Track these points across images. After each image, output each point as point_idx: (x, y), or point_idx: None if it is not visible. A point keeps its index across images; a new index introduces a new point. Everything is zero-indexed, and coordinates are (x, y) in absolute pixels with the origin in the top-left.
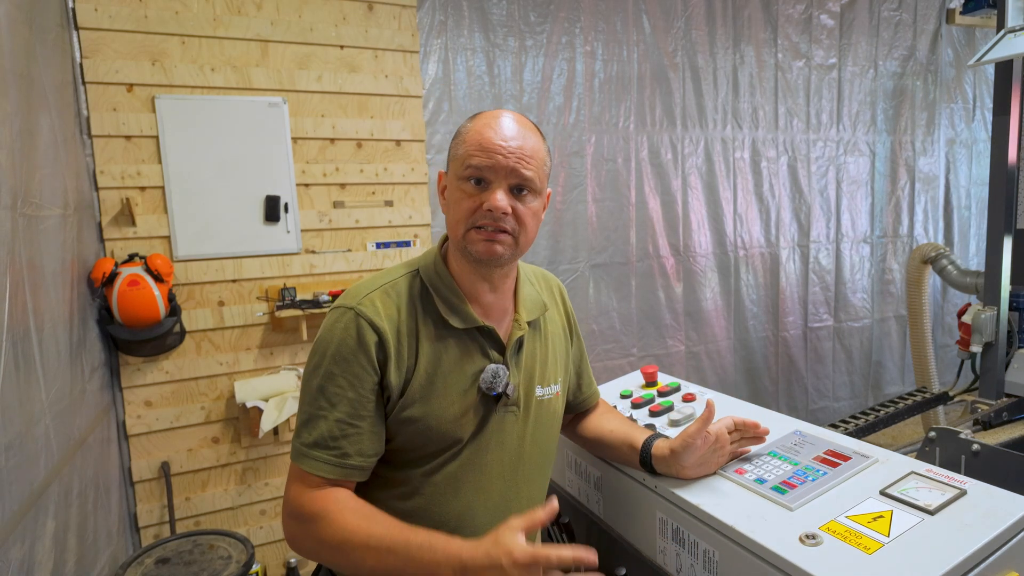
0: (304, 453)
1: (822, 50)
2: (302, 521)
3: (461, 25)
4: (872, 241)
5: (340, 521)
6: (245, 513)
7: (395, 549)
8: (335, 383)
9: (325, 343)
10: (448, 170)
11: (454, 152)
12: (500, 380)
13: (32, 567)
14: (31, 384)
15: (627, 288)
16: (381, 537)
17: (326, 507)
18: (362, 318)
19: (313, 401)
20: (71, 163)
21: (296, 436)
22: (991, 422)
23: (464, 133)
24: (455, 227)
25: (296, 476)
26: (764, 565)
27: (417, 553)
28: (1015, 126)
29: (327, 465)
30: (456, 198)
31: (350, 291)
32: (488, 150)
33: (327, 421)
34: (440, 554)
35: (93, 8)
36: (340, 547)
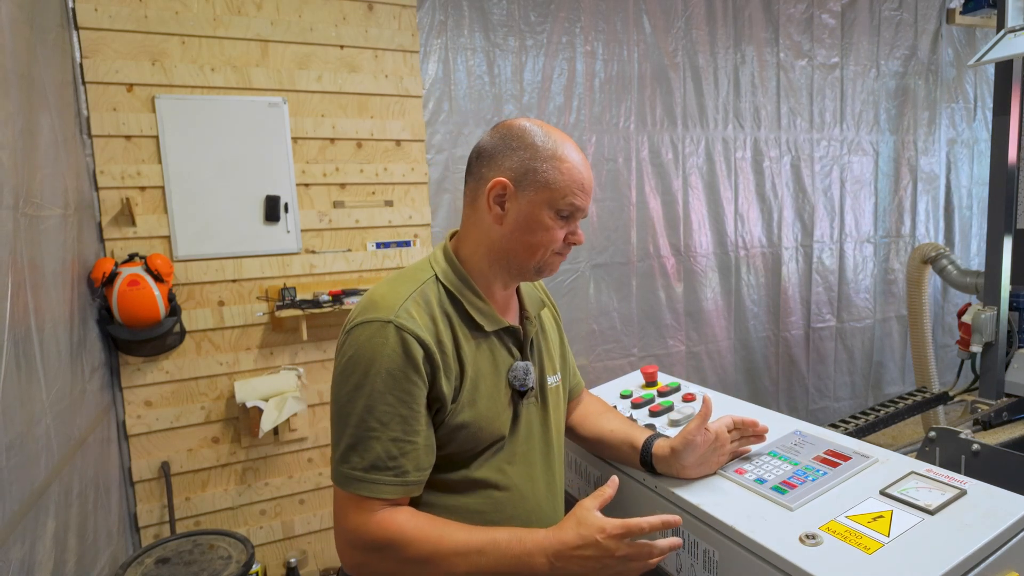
0: (359, 479)
1: (824, 49)
2: (375, 549)
3: (461, 25)
4: (875, 241)
5: (421, 537)
6: (245, 513)
7: (485, 549)
8: (384, 402)
9: (366, 360)
10: (523, 188)
11: (543, 177)
12: (530, 376)
13: (32, 567)
14: (32, 384)
15: (628, 288)
16: (467, 541)
17: (401, 529)
18: (404, 331)
19: (360, 423)
20: (71, 163)
21: (342, 462)
22: (991, 422)
23: (558, 162)
24: (534, 251)
25: (353, 504)
26: (764, 565)
27: (507, 548)
28: (1015, 126)
29: (389, 487)
30: (545, 226)
31: (377, 302)
32: (586, 192)
33: (381, 442)
34: (530, 544)
35: (93, 8)
36: (429, 561)
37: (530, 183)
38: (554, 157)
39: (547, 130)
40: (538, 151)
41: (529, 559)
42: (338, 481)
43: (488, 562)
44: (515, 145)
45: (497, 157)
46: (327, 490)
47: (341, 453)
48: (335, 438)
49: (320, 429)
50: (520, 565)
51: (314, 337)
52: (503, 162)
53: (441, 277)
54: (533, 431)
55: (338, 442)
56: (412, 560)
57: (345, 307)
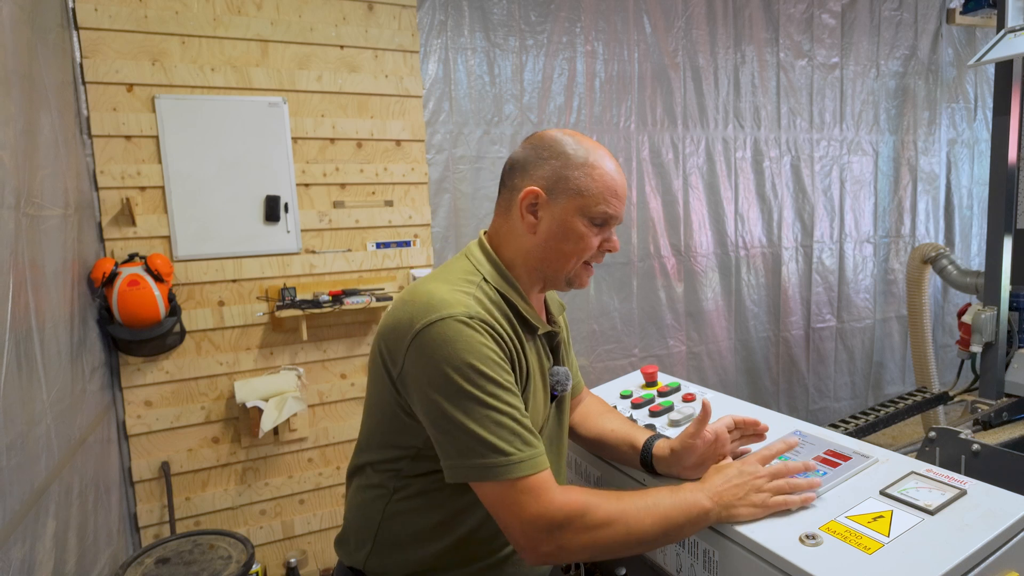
0: (519, 460)
1: (824, 49)
2: (567, 524)
3: (461, 25)
4: (875, 241)
5: (602, 498)
6: (245, 513)
7: (659, 499)
8: (498, 384)
9: (463, 350)
10: (556, 196)
11: (575, 185)
12: (569, 382)
13: (33, 567)
14: (33, 384)
15: (628, 288)
16: (642, 496)
17: (584, 494)
18: (486, 324)
19: (488, 410)
20: (71, 163)
21: (486, 455)
22: (991, 422)
23: (589, 168)
24: (567, 259)
25: (525, 492)
26: (764, 565)
27: (674, 496)
28: (1015, 126)
29: (542, 457)
30: (579, 234)
31: (446, 299)
32: (620, 198)
33: (518, 423)
34: (683, 489)
35: (93, 8)
36: (619, 519)
37: (562, 191)
38: (586, 164)
39: (578, 139)
40: (569, 159)
41: (696, 501)
42: (488, 475)
43: (665, 509)
44: (546, 155)
45: (529, 167)
46: (327, 490)
47: (482, 448)
48: (463, 440)
49: (320, 429)
50: (690, 508)
51: (314, 337)
52: (535, 171)
53: (490, 279)
54: (559, 431)
55: (472, 441)
56: (603, 523)
57: (345, 307)
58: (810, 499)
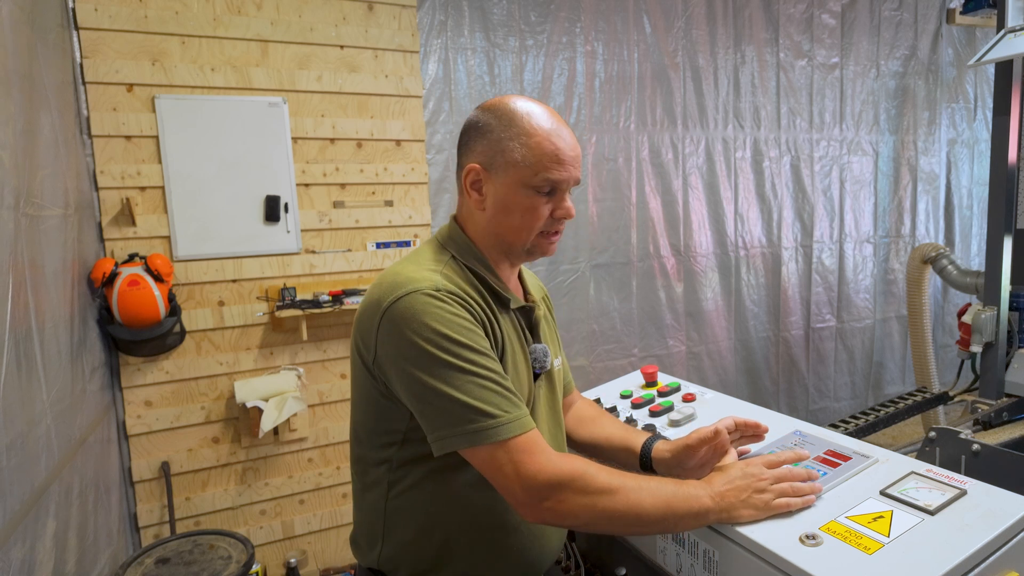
0: (510, 420)
1: (824, 49)
2: (565, 484)
3: (461, 25)
4: (875, 241)
5: (604, 468)
6: (245, 513)
7: (663, 483)
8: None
9: (434, 319)
10: (496, 169)
11: (511, 156)
12: (548, 358)
13: (33, 567)
14: (32, 384)
15: (628, 288)
16: (645, 477)
17: (583, 463)
18: (454, 295)
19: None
20: (71, 163)
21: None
22: (991, 422)
23: (525, 136)
24: (521, 233)
25: (517, 451)
26: (764, 565)
27: (678, 487)
28: (1015, 126)
29: (529, 417)
30: (526, 206)
31: (412, 277)
32: (563, 162)
33: (500, 385)
34: (687, 484)
35: (93, 8)
36: (619, 490)
37: (500, 164)
38: (522, 132)
39: (514, 105)
40: (505, 129)
41: (697, 498)
42: (479, 439)
43: (668, 496)
44: (482, 128)
45: (469, 143)
46: (327, 490)
47: (469, 413)
48: (446, 408)
49: (320, 429)
50: (691, 501)
51: (314, 337)
52: (475, 146)
53: (458, 256)
54: (550, 411)
55: (456, 408)
56: (603, 490)
57: (345, 307)
58: (810, 501)
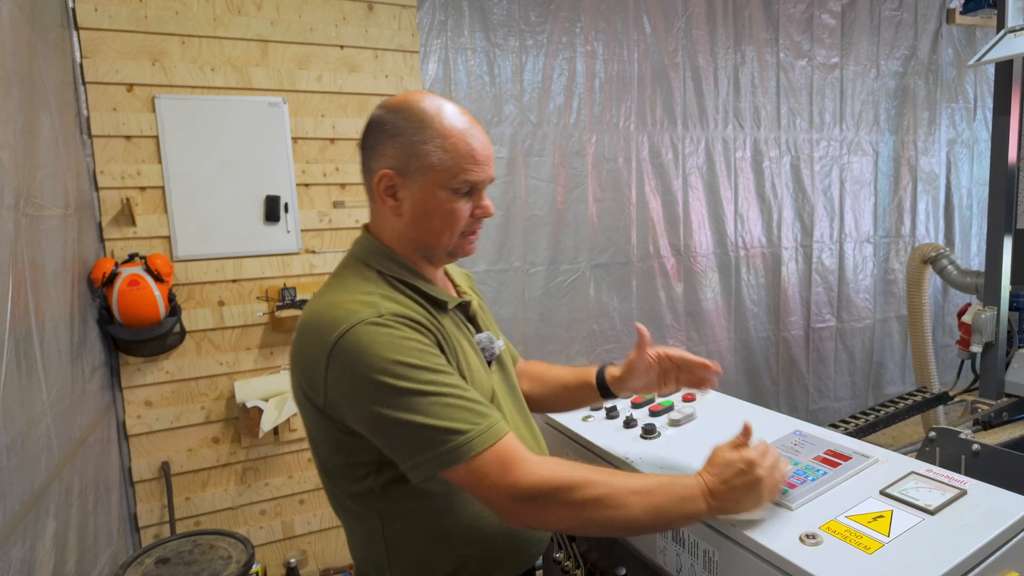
0: (479, 432)
1: (824, 49)
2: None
3: (461, 25)
4: (875, 241)
5: (592, 476)
6: (245, 513)
7: (653, 489)
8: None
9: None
10: (411, 173)
11: (427, 160)
12: (495, 344)
13: (33, 567)
14: (32, 384)
15: (628, 288)
16: (638, 480)
17: (569, 469)
18: (401, 317)
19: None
20: (71, 163)
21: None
22: (991, 422)
23: (440, 138)
24: (442, 236)
25: (494, 462)
26: (764, 565)
27: (672, 489)
28: (1015, 126)
29: (501, 423)
30: (447, 210)
31: (342, 311)
32: (480, 161)
33: (463, 399)
34: (682, 486)
35: (93, 8)
36: (605, 500)
37: (416, 168)
38: (436, 135)
39: (423, 105)
40: (416, 131)
41: (692, 500)
42: (453, 459)
43: (659, 501)
44: (390, 130)
45: (378, 146)
46: None
47: (438, 435)
48: (413, 437)
49: None
50: (685, 503)
51: None
52: (384, 150)
53: (385, 270)
54: (509, 394)
55: (423, 433)
56: (590, 502)
57: None
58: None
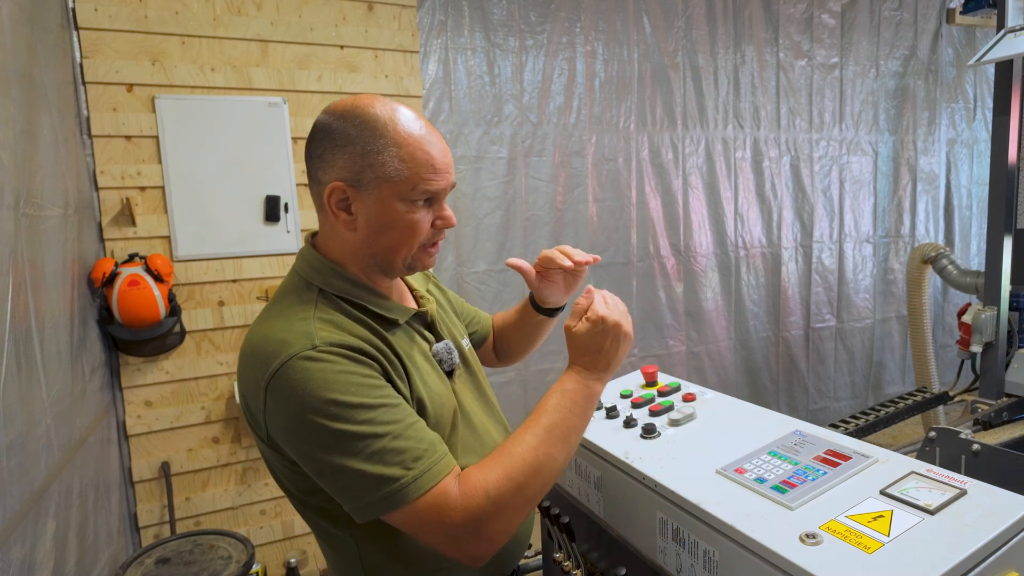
0: (413, 479)
1: (824, 49)
2: (481, 518)
3: (461, 25)
4: (875, 241)
5: (506, 467)
6: (245, 513)
7: (553, 421)
8: (373, 407)
9: (317, 390)
10: (369, 189)
11: (382, 171)
12: (454, 353)
13: (33, 567)
14: (32, 384)
15: (628, 288)
16: (536, 433)
17: (484, 482)
18: (337, 347)
19: (367, 443)
20: (71, 163)
21: (377, 488)
22: (991, 422)
23: (395, 147)
24: (401, 250)
25: (428, 508)
26: (764, 565)
27: (562, 401)
28: (1015, 126)
29: (439, 464)
30: (406, 223)
31: (277, 342)
32: (439, 170)
33: (400, 439)
34: (569, 382)
35: (93, 8)
36: (530, 474)
37: (370, 180)
38: (390, 144)
39: (375, 111)
40: (368, 141)
41: (587, 397)
42: (387, 507)
43: (567, 424)
44: (339, 139)
45: (325, 155)
46: None
47: (371, 483)
48: (349, 481)
49: None
50: (586, 404)
51: None
52: (334, 162)
53: (329, 289)
54: (476, 399)
55: (359, 479)
56: (518, 489)
57: None
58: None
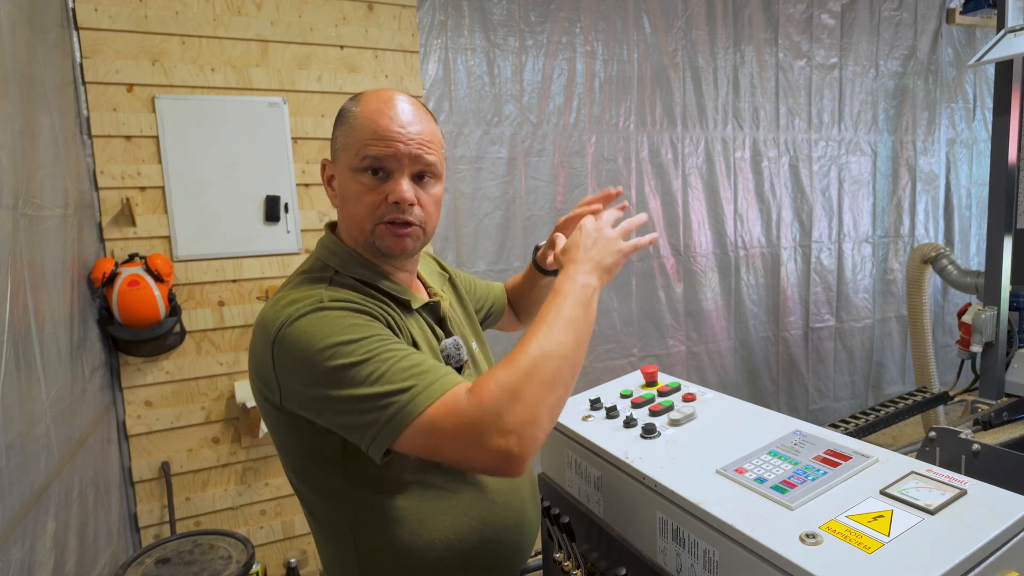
0: (424, 388)
1: (823, 50)
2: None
3: (461, 25)
4: (874, 241)
5: (514, 361)
6: (245, 513)
7: (554, 310)
8: (367, 340)
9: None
10: (337, 160)
11: (343, 140)
12: (463, 350)
13: (33, 567)
14: (32, 384)
15: (628, 288)
16: (539, 325)
17: (493, 379)
18: (342, 301)
19: (372, 369)
20: (71, 163)
21: (388, 406)
22: (991, 422)
23: (351, 118)
24: (358, 223)
25: (440, 415)
26: (764, 565)
27: (563, 294)
28: (1015, 126)
29: (447, 376)
30: (354, 192)
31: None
32: (386, 138)
33: (404, 359)
34: (569, 283)
35: (93, 8)
36: (540, 360)
37: (337, 152)
38: (349, 117)
39: (362, 94)
40: (340, 119)
41: (582, 286)
42: (401, 423)
43: (564, 318)
44: (336, 121)
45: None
46: None
47: (383, 402)
48: (361, 409)
49: None
50: (579, 295)
51: None
52: (332, 142)
53: (343, 270)
54: None
55: (369, 404)
56: (529, 375)
57: None
58: (655, 238)
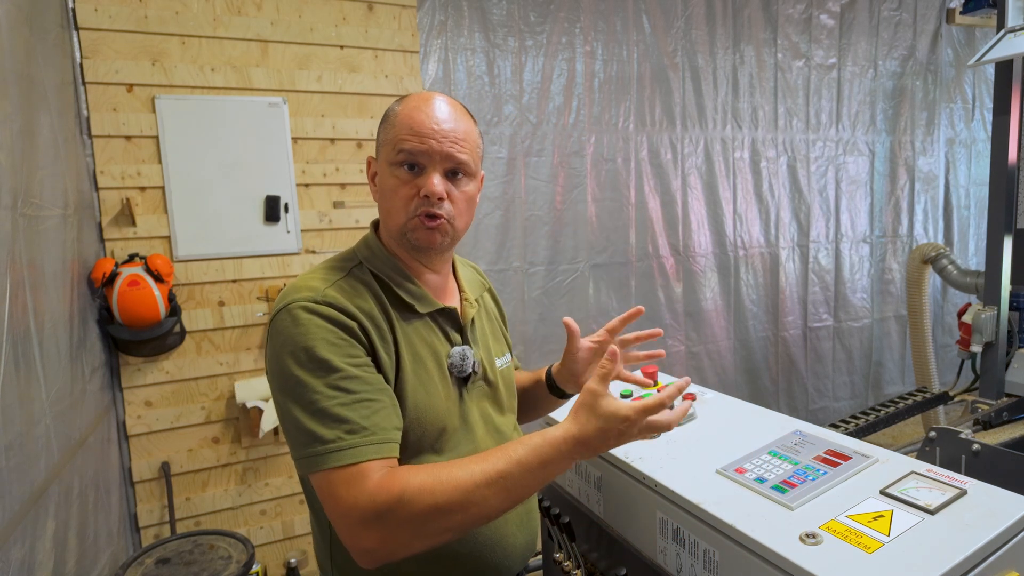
0: (339, 448)
1: (822, 50)
2: (385, 514)
3: (461, 25)
4: (872, 241)
5: (435, 482)
6: (245, 513)
7: (509, 470)
8: (329, 368)
9: (302, 337)
10: (378, 156)
11: (383, 137)
12: (469, 361)
13: (32, 567)
14: (31, 384)
15: (627, 288)
16: (486, 470)
17: (407, 481)
18: (332, 305)
19: (318, 397)
20: (71, 163)
21: (308, 444)
22: (991, 422)
23: (392, 117)
24: (393, 216)
25: (340, 481)
26: (764, 564)
27: (531, 459)
28: (1015, 126)
29: (372, 446)
30: (391, 186)
31: (300, 287)
32: (421, 134)
33: (347, 407)
34: (550, 448)
35: (93, 8)
36: (454, 505)
37: (379, 150)
38: (390, 115)
39: (406, 95)
40: (384, 117)
41: (556, 461)
42: (310, 466)
43: (517, 479)
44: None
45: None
46: None
47: (305, 438)
48: (292, 430)
49: None
50: (547, 468)
51: None
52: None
53: (367, 263)
54: (485, 418)
55: (298, 431)
56: (434, 510)
57: None
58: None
